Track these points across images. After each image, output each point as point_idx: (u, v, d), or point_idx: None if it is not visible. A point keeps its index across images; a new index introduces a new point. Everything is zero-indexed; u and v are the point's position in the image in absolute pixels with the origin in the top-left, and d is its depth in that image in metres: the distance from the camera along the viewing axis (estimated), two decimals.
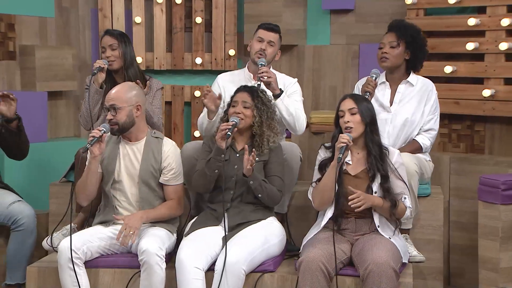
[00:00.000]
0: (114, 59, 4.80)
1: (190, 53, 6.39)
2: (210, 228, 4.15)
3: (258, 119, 4.21)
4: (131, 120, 4.18)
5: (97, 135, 4.03)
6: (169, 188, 4.23)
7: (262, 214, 4.23)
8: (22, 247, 4.68)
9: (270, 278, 4.04)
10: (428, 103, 4.64)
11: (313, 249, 3.86)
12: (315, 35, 6.19)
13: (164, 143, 4.27)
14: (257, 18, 6.16)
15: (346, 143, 3.92)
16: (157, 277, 3.93)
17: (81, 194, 4.19)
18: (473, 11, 5.52)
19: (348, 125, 4.01)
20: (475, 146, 5.58)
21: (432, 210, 4.49)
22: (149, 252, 3.91)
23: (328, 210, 4.07)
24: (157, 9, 6.33)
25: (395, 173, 4.05)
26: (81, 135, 6.33)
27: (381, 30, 5.88)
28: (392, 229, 4.04)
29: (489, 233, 4.36)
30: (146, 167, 4.21)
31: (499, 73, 5.29)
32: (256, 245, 4.02)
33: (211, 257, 4.01)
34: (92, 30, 6.36)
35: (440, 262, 4.53)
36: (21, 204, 4.73)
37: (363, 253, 3.85)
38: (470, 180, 5.31)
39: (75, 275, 3.94)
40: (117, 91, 4.20)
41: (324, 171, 4.08)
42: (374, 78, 4.57)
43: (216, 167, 4.12)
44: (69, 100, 6.27)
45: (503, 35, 5.26)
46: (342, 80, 6.09)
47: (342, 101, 4.12)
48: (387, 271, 3.72)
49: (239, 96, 4.27)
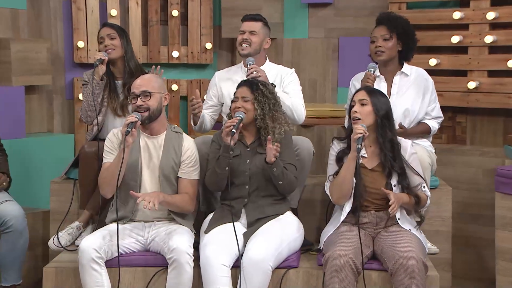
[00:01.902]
0: (113, 47, 4.70)
1: (166, 47, 6.30)
2: (229, 225, 4.10)
3: (260, 111, 4.17)
4: (160, 109, 4.13)
5: (134, 120, 3.94)
6: (185, 181, 4.16)
7: (279, 208, 4.22)
8: (14, 248, 4.51)
9: (295, 274, 4.03)
10: (427, 92, 4.69)
11: (340, 244, 3.86)
12: (292, 29, 6.21)
13: (184, 138, 4.21)
14: (234, 12, 6.15)
15: (363, 134, 3.93)
16: (187, 275, 3.86)
17: (107, 186, 4.05)
18: (454, 5, 5.66)
19: (356, 115, 4.04)
20: (457, 137, 5.72)
21: (440, 201, 4.57)
22: (179, 250, 3.84)
23: (346, 205, 4.08)
24: (133, 2, 6.22)
25: (410, 167, 4.09)
26: (55, 130, 6.15)
27: (361, 23, 6.01)
28: (410, 222, 4.10)
29: (507, 224, 4.45)
30: (167, 161, 4.13)
31: (482, 65, 5.45)
32: (280, 240, 4.01)
33: (236, 254, 3.97)
34: (65, 23, 6.18)
35: (448, 253, 4.62)
36: (9, 204, 4.54)
37: (391, 247, 3.87)
38: (454, 171, 5.45)
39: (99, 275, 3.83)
40: (146, 78, 4.17)
41: (341, 164, 4.09)
42: (373, 72, 4.59)
43: (226, 164, 4.08)
44: (42, 94, 6.07)
45: (487, 28, 5.41)
46: (322, 73, 6.14)
47: (356, 93, 4.14)
48: (417, 265, 3.75)
49: (239, 92, 4.24)
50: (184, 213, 4.18)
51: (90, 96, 4.59)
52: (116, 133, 4.19)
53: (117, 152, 4.10)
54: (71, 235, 4.43)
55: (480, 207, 5.46)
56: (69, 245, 4.42)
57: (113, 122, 4.70)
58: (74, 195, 4.67)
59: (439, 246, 4.49)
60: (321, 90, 6.11)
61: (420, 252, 3.84)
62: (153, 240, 4.07)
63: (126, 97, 4.68)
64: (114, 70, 4.76)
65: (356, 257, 3.85)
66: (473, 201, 5.46)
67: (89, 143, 4.62)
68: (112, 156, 4.11)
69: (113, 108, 4.69)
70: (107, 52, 4.67)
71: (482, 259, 5.46)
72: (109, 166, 4.06)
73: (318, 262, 4.09)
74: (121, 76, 4.77)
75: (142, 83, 4.13)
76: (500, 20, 5.37)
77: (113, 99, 4.69)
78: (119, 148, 4.08)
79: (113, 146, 4.14)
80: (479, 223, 5.47)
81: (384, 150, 4.06)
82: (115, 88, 4.73)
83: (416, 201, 4.04)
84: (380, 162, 4.08)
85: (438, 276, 3.95)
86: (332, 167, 4.19)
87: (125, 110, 4.71)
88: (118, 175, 3.97)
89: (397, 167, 4.04)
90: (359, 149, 3.90)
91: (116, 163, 3.98)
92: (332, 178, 4.14)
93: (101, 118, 4.66)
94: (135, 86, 4.13)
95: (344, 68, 6.10)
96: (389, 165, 4.03)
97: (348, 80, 6.01)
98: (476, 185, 5.49)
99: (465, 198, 5.43)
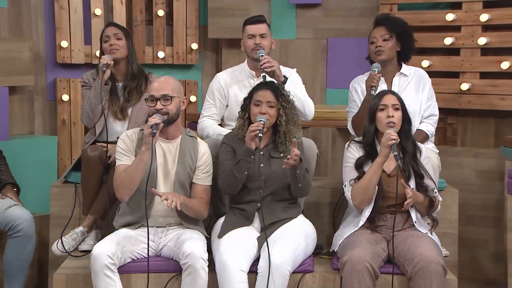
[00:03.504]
0: (118, 48, 4.58)
1: (151, 47, 6.18)
2: (243, 229, 4.02)
3: (285, 118, 4.10)
4: (178, 113, 4.01)
5: (158, 122, 3.81)
6: (199, 187, 4.05)
7: (292, 212, 4.15)
8: (22, 253, 4.37)
9: (312, 278, 3.97)
10: (424, 90, 4.68)
11: (357, 249, 3.81)
12: (280, 29, 6.13)
13: (199, 143, 4.10)
14: (221, 11, 6.08)
15: (396, 140, 3.88)
16: (202, 280, 3.76)
17: (126, 189, 3.90)
18: (445, 7, 5.67)
19: (392, 120, 3.98)
20: (448, 138, 5.74)
21: (446, 204, 4.55)
22: (194, 255, 3.74)
23: (366, 209, 4.02)
24: (117, 1, 6.09)
25: (425, 170, 4.07)
26: (36, 132, 5.96)
27: (350, 24, 5.99)
28: (425, 225, 4.07)
29: None
30: (183, 166, 4.01)
31: (475, 67, 5.47)
32: (296, 244, 3.94)
33: (251, 258, 3.89)
34: (46, 22, 5.99)
35: (455, 255, 4.62)
36: (17, 208, 4.42)
37: (409, 250, 3.84)
38: (448, 172, 5.45)
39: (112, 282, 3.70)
40: (167, 81, 4.02)
41: (361, 171, 4.03)
42: (377, 72, 4.54)
43: (246, 169, 3.99)
44: (23, 95, 5.87)
45: (479, 30, 5.44)
46: (312, 74, 6.09)
47: (384, 96, 4.07)
48: (437, 268, 3.73)
49: (262, 95, 4.11)
50: (196, 219, 4.07)
51: (93, 99, 4.45)
52: (130, 134, 4.06)
53: (132, 154, 3.97)
54: (75, 240, 4.29)
55: (474, 208, 5.49)
56: (72, 250, 4.28)
57: (113, 125, 4.56)
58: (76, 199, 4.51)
59: (446, 248, 4.47)
60: (310, 91, 5.96)
61: (439, 255, 3.81)
62: (166, 245, 3.96)
63: (126, 100, 4.56)
64: (115, 71, 4.62)
65: (374, 261, 3.81)
66: (466, 202, 5.46)
67: (91, 146, 4.46)
68: (127, 158, 3.97)
69: (113, 112, 4.56)
70: (111, 51, 4.52)
71: (477, 260, 5.49)
72: (127, 168, 3.91)
73: (333, 266, 4.03)
74: (122, 78, 4.64)
75: (162, 87, 3.98)
76: (493, 22, 5.39)
77: (113, 102, 4.57)
78: (135, 151, 3.95)
79: (128, 148, 4.00)
80: (474, 224, 5.49)
81: (406, 153, 4.02)
82: (116, 90, 4.60)
83: (430, 204, 4.01)
84: (397, 166, 4.04)
85: (456, 280, 3.94)
86: (350, 171, 4.09)
87: (125, 113, 4.58)
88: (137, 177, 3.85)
89: (417, 168, 4.00)
90: (397, 156, 3.85)
91: (136, 166, 3.85)
92: (353, 183, 4.06)
93: (102, 121, 4.51)
94: (154, 89, 3.98)
95: (333, 69, 6.07)
96: (410, 166, 4.00)
97: (337, 81, 6.03)
98: (470, 186, 5.52)
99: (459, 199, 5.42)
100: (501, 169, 5.19)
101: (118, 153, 4.01)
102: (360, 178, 4.00)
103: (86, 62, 6.00)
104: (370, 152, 4.04)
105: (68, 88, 5.98)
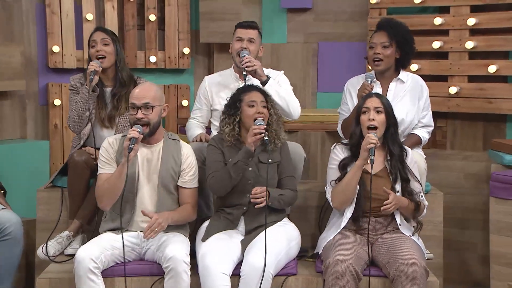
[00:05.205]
0: (105, 54, 4.55)
1: (143, 51, 6.21)
2: (227, 232, 4.05)
3: (276, 117, 4.16)
4: (159, 121, 4.03)
5: (136, 136, 3.83)
6: (186, 191, 4.09)
7: (276, 216, 4.18)
8: (10, 256, 4.38)
9: (295, 281, 4.00)
10: (421, 99, 4.69)
11: (340, 251, 3.84)
12: (271, 33, 6.17)
13: (182, 145, 4.13)
14: (212, 16, 6.11)
15: (375, 144, 3.91)
16: (184, 284, 3.79)
17: (107, 200, 3.95)
18: (434, 11, 5.70)
19: (373, 124, 4.01)
20: (437, 141, 5.76)
21: (432, 206, 4.57)
22: (176, 259, 3.77)
23: (347, 210, 4.06)
24: (108, 6, 6.11)
25: (411, 173, 4.09)
26: (28, 136, 5.99)
27: (340, 28, 6.02)
28: (410, 228, 4.09)
29: (502, 228, 4.49)
30: (167, 170, 4.04)
31: (463, 70, 5.50)
32: (279, 248, 3.97)
33: (234, 262, 3.92)
34: (38, 26, 6.02)
35: (440, 258, 4.64)
36: (5, 212, 4.43)
37: (392, 252, 3.86)
38: (437, 175, 5.48)
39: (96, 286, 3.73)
40: (149, 89, 4.03)
41: (344, 172, 4.06)
42: (370, 82, 4.52)
43: (242, 170, 4.02)
44: (14, 100, 5.90)
45: (467, 34, 5.46)
46: (302, 78, 6.12)
47: (367, 99, 4.10)
48: (419, 270, 3.75)
49: (255, 96, 4.16)
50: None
51: (80, 106, 4.46)
52: (111, 142, 4.08)
53: (114, 162, 4.00)
54: (60, 245, 4.31)
55: (463, 211, 5.52)
56: (58, 254, 4.31)
57: (99, 132, 4.58)
58: (62, 204, 4.54)
59: (431, 251, 4.50)
60: (300, 95, 6.07)
61: (421, 258, 3.84)
62: (149, 249, 3.99)
63: (114, 108, 4.56)
64: (103, 77, 4.61)
65: (357, 263, 3.83)
66: (455, 205, 5.50)
67: (78, 151, 4.47)
68: (109, 166, 4.00)
69: (100, 119, 4.56)
70: (98, 59, 4.52)
71: (465, 262, 5.51)
72: (108, 179, 3.94)
73: (317, 269, 4.06)
74: (110, 84, 4.63)
75: (144, 94, 3.99)
76: (480, 26, 5.42)
77: (101, 109, 4.56)
78: (116, 159, 3.98)
79: (110, 156, 4.03)
80: (462, 227, 5.51)
81: (392, 156, 4.05)
82: (103, 96, 4.59)
83: (415, 208, 4.03)
84: (384, 168, 4.06)
85: (438, 282, 3.97)
86: (334, 172, 4.14)
87: (112, 122, 4.58)
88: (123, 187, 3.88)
89: (403, 171, 4.03)
90: (373, 160, 3.88)
91: (117, 177, 3.88)
92: (334, 184, 4.09)
93: (88, 128, 4.53)
94: (135, 97, 3.99)
95: (324, 73, 6.09)
96: (396, 169, 4.02)
97: (327, 85, 6.05)
98: (459, 189, 5.54)
99: (447, 202, 5.43)
100: (489, 172, 5.20)
101: (100, 161, 4.04)
102: (341, 179, 4.03)
103: (78, 67, 6.02)
104: (355, 154, 4.07)
105: (60, 93, 6.01)
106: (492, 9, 5.39)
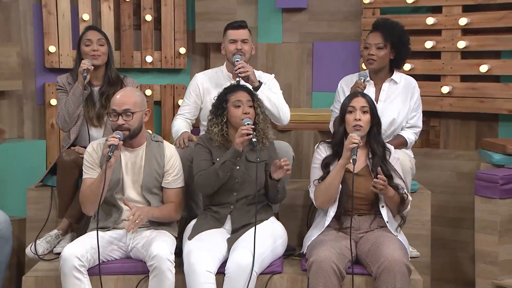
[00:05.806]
0: (100, 54, 4.63)
1: (139, 51, 6.24)
2: (213, 231, 4.09)
3: (263, 116, 4.19)
4: (140, 126, 4.06)
5: (116, 143, 3.87)
6: (170, 191, 4.13)
7: (264, 214, 4.21)
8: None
9: (280, 280, 4.03)
10: (412, 99, 4.71)
11: (323, 249, 3.87)
12: (266, 33, 6.20)
13: (165, 147, 4.17)
14: (208, 16, 6.13)
15: (358, 144, 3.94)
16: (168, 282, 3.83)
17: (91, 204, 3.99)
18: (427, 11, 5.72)
19: (358, 123, 4.04)
20: (430, 141, 5.78)
21: (420, 205, 4.60)
22: (160, 257, 3.80)
23: (330, 209, 4.09)
24: (105, 6, 6.14)
25: (394, 170, 4.12)
26: (25, 136, 6.06)
27: (335, 28, 6.04)
28: (396, 226, 4.12)
29: (486, 227, 4.51)
30: (150, 173, 4.09)
31: (455, 70, 5.52)
32: (265, 246, 4.00)
33: (219, 260, 3.95)
34: (35, 27, 6.07)
35: (428, 257, 4.67)
36: None
37: (375, 250, 3.90)
38: (429, 174, 5.50)
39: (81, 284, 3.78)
40: (130, 95, 4.05)
41: (327, 170, 4.09)
42: (363, 81, 4.52)
43: (230, 170, 4.06)
44: (11, 99, 5.96)
45: (459, 34, 5.47)
46: (297, 78, 6.14)
47: (353, 98, 4.13)
48: (401, 268, 3.78)
49: (241, 95, 4.19)
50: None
51: (71, 105, 4.51)
52: (95, 147, 4.12)
53: (98, 167, 4.05)
54: (49, 243, 4.36)
55: (456, 210, 5.54)
56: (46, 253, 4.35)
57: (89, 130, 4.62)
58: (52, 202, 4.59)
59: (418, 250, 4.52)
60: (295, 94, 6.12)
61: (404, 256, 3.87)
62: (135, 247, 4.03)
63: (102, 106, 4.61)
64: (93, 76, 4.66)
65: (340, 261, 3.86)
66: (448, 204, 5.52)
67: (67, 151, 4.53)
68: (93, 171, 4.05)
69: (89, 118, 4.61)
70: (92, 57, 4.58)
71: (458, 261, 5.52)
72: (91, 184, 3.99)
73: (302, 267, 4.10)
74: (99, 83, 4.70)
75: (124, 101, 4.01)
76: (472, 26, 5.44)
77: (89, 108, 4.61)
78: (100, 163, 4.03)
79: (94, 161, 4.08)
80: (455, 226, 5.53)
81: (377, 154, 4.08)
82: (92, 95, 4.65)
83: (401, 201, 4.06)
84: (365, 166, 4.09)
85: (421, 280, 3.99)
86: (317, 171, 4.17)
87: (101, 121, 4.63)
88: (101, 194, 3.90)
89: (386, 169, 4.06)
90: (355, 160, 3.90)
91: (98, 183, 3.92)
92: (317, 183, 4.13)
93: (78, 126, 4.59)
94: (116, 103, 4.02)
95: (319, 72, 6.11)
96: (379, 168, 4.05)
97: (322, 85, 6.07)
98: (451, 188, 5.56)
99: (440, 201, 5.47)
100: None
101: (84, 166, 4.09)
102: (324, 178, 4.06)
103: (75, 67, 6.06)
104: (338, 152, 4.10)
105: (56, 93, 6.06)
106: (484, 9, 5.41)
